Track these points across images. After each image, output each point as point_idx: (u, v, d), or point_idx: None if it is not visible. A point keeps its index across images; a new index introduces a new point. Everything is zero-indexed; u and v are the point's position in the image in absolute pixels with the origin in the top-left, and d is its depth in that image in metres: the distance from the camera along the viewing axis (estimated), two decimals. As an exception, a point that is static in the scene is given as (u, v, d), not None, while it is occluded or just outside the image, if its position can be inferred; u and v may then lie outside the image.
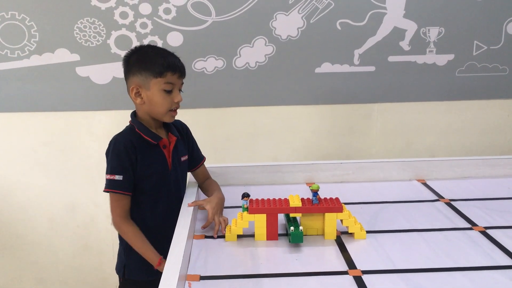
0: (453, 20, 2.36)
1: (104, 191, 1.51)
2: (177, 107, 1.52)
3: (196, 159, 1.71)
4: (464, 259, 1.30)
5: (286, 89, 2.39)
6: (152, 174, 1.53)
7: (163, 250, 1.38)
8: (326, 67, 2.38)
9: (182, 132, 1.66)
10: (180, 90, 1.52)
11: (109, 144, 1.52)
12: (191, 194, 1.65)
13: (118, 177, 1.47)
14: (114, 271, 2.54)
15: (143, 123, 1.54)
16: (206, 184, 1.73)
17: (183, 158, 1.64)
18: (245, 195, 1.45)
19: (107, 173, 1.50)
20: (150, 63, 1.46)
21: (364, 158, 2.47)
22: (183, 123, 1.69)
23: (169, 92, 1.48)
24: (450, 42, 2.38)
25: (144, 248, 1.49)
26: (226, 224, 1.46)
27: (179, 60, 1.52)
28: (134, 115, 1.56)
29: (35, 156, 2.41)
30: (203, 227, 1.49)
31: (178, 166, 1.62)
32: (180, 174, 1.65)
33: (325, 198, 1.46)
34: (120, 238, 1.61)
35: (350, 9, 2.31)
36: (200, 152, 1.74)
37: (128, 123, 1.58)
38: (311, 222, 1.44)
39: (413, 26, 2.35)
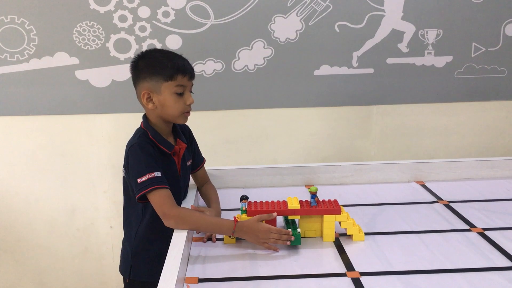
0: (451, 22, 2.36)
1: (145, 192, 1.40)
2: (190, 109, 1.52)
3: (197, 161, 1.72)
4: (462, 261, 1.30)
5: (285, 92, 2.40)
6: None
7: None
8: (324, 70, 2.38)
9: (186, 135, 1.67)
10: (190, 91, 1.52)
11: (133, 148, 1.47)
12: (190, 197, 1.66)
13: (157, 174, 1.41)
14: (114, 275, 2.56)
15: (156, 129, 1.52)
16: (206, 190, 1.73)
17: (188, 163, 1.65)
18: (244, 198, 1.46)
19: (143, 174, 1.41)
20: (160, 67, 1.45)
21: (363, 160, 2.47)
22: (186, 125, 1.68)
23: (180, 94, 1.47)
24: (449, 44, 2.38)
25: (215, 221, 1.42)
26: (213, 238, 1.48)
27: (188, 62, 1.50)
28: (146, 119, 1.54)
29: (34, 159, 2.42)
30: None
31: (186, 171, 1.63)
32: (187, 178, 1.68)
33: (323, 200, 1.47)
34: (128, 239, 1.60)
35: (348, 12, 2.32)
36: (201, 154, 1.75)
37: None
38: (309, 224, 1.44)
39: (411, 28, 2.36)
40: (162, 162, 1.50)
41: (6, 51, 2.28)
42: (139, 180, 1.41)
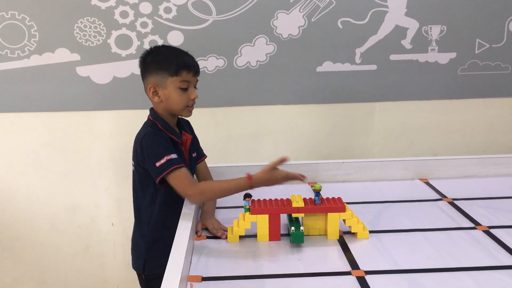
0: (455, 18, 2.34)
1: (166, 173, 1.45)
2: (193, 103, 1.58)
3: (197, 154, 1.74)
4: (468, 259, 1.29)
5: (287, 88, 2.38)
6: None
7: None
8: (327, 66, 2.37)
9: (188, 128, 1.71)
10: (195, 87, 1.57)
11: (147, 136, 1.51)
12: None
13: (173, 156, 1.47)
14: (115, 273, 2.56)
15: (164, 120, 1.58)
16: None
17: (194, 154, 1.70)
18: (247, 196, 1.45)
19: (161, 157, 1.45)
20: (166, 62, 1.51)
21: (366, 157, 2.46)
22: (186, 119, 1.72)
23: (185, 89, 1.53)
24: (452, 40, 2.37)
25: (233, 183, 1.45)
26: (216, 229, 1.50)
27: (193, 58, 1.57)
28: (154, 112, 1.59)
29: (35, 156, 2.41)
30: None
31: (192, 161, 1.69)
32: (193, 169, 1.72)
33: (327, 198, 1.45)
34: (140, 232, 1.63)
35: (351, 8, 2.30)
36: (201, 149, 1.78)
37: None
38: (313, 222, 1.43)
39: (414, 24, 2.34)
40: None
41: (6, 47, 2.26)
42: (157, 164, 1.46)
